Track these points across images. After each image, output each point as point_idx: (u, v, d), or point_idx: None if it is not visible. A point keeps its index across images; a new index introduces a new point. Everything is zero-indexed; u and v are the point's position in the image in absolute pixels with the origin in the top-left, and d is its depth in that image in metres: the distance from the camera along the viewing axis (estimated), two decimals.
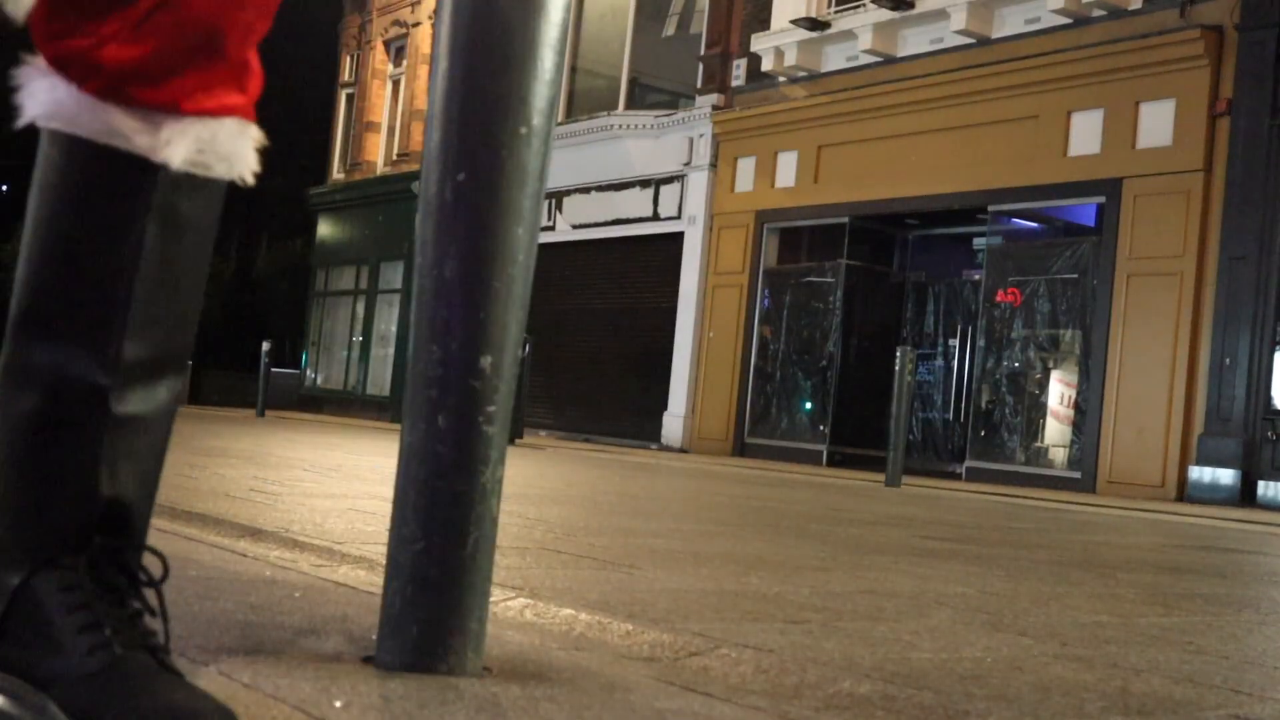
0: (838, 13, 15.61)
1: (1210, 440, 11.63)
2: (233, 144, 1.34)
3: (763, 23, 16.47)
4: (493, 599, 1.73)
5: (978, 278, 14.40)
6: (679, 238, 17.56)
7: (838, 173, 15.42)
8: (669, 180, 17.74)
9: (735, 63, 17.04)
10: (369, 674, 1.51)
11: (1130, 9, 12.65)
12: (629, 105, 18.91)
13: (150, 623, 1.32)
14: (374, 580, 2.27)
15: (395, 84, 25.13)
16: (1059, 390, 13.25)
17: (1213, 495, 11.43)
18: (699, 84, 17.57)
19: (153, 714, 1.17)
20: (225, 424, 13.66)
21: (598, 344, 19.00)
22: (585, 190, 19.06)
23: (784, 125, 16.04)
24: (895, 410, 10.18)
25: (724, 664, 1.88)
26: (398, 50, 25.17)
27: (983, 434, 13.69)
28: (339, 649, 1.65)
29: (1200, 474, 11.66)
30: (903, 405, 10.14)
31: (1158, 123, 12.30)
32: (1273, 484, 11.31)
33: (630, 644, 1.99)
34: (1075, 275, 13.00)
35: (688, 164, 17.39)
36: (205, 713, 1.18)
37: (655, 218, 17.98)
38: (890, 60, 14.94)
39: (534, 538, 3.55)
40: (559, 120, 17.11)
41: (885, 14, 14.70)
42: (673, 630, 2.10)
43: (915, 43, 14.74)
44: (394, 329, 24.06)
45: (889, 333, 15.55)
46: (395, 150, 24.69)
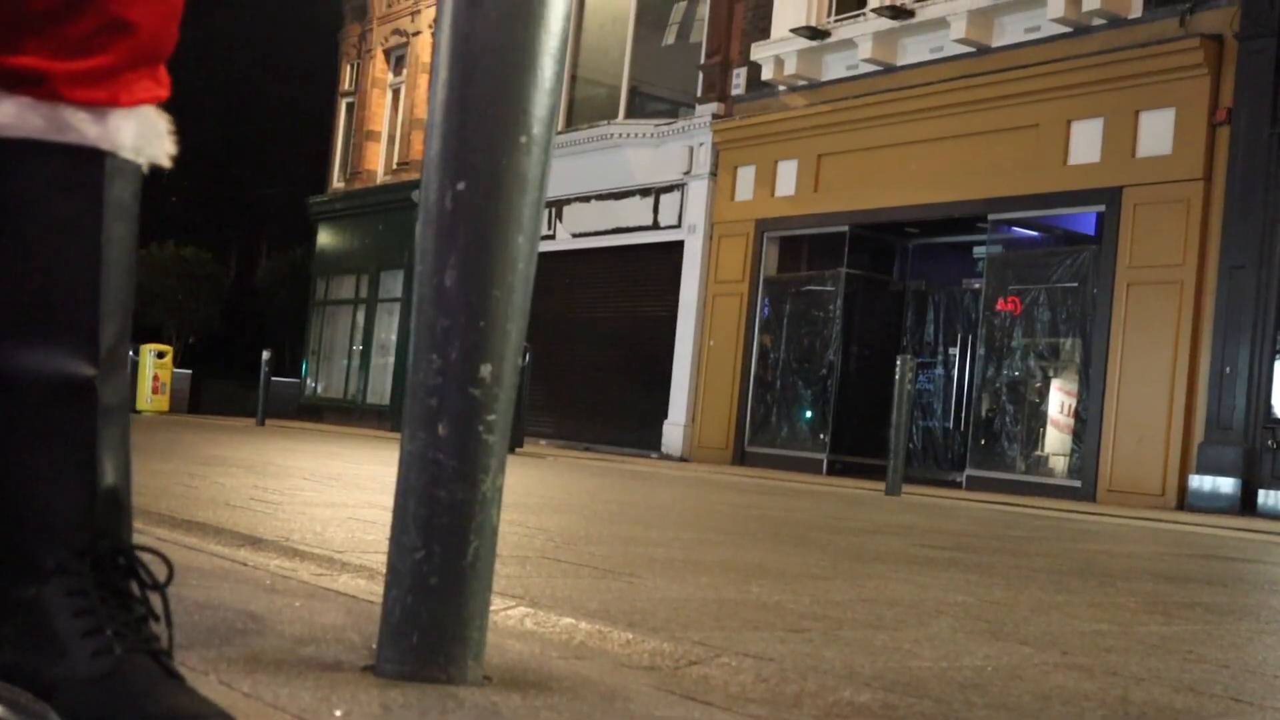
0: (838, 22, 15.62)
1: (1210, 449, 11.63)
2: (161, 128, 1.40)
3: (763, 32, 16.49)
4: (493, 608, 1.73)
5: (978, 286, 14.40)
6: (679, 246, 17.56)
7: (838, 181, 15.42)
8: (669, 189, 17.75)
9: (735, 72, 17.05)
10: (369, 683, 1.51)
11: (1130, 18, 12.67)
12: (629, 114, 18.91)
13: (154, 627, 1.32)
14: (374, 589, 2.27)
15: (395, 93, 25.15)
16: (1059, 399, 13.24)
17: (1213, 504, 11.42)
18: (699, 93, 17.57)
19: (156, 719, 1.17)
20: (225, 433, 13.66)
21: (598, 352, 18.98)
22: (585, 199, 19.06)
23: (784, 134, 16.05)
24: (895, 419, 10.18)
25: (724, 673, 1.88)
26: (398, 59, 25.20)
27: (983, 443, 13.68)
28: (339, 658, 1.65)
29: (1200, 483, 11.65)
30: (903, 414, 10.14)
31: (1158, 132, 12.30)
32: (1273, 493, 11.30)
33: (630, 653, 1.98)
34: (1075, 284, 13.00)
35: (688, 173, 17.40)
36: (208, 718, 1.19)
37: (655, 226, 17.98)
38: (890, 69, 14.96)
39: (534, 546, 3.55)
40: (559, 129, 17.10)
41: (885, 23, 14.71)
42: (673, 639, 2.10)
43: (915, 52, 14.76)
44: (394, 338, 24.05)
45: (889, 341, 15.53)
46: (395, 159, 24.69)
